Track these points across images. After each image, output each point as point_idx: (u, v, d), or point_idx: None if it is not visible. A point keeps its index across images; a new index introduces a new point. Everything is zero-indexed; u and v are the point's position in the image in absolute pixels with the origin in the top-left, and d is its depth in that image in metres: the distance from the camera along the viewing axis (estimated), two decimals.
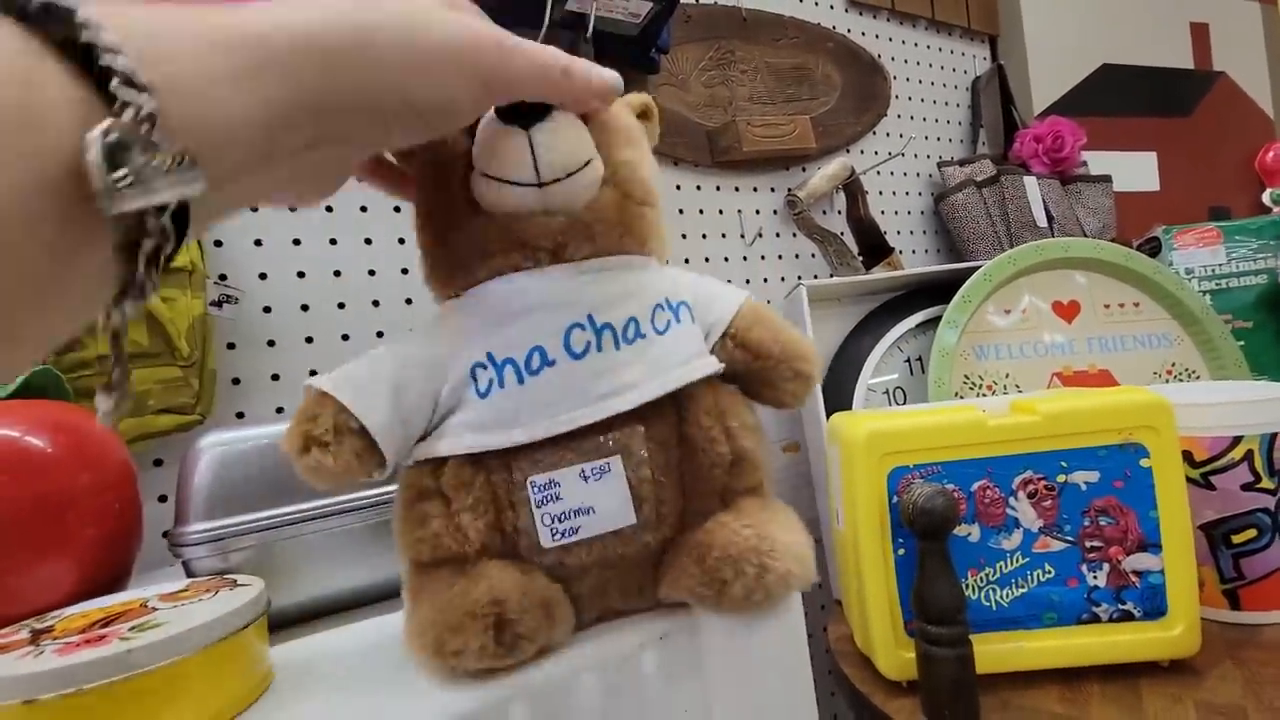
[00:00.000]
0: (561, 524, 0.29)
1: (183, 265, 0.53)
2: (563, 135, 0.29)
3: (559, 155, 0.29)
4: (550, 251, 0.30)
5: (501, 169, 0.29)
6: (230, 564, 0.36)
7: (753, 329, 0.33)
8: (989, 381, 0.81)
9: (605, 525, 0.29)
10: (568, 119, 0.29)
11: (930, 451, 0.55)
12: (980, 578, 0.55)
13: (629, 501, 0.29)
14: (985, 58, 1.35)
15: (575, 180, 0.29)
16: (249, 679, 0.29)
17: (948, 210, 1.11)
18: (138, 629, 0.26)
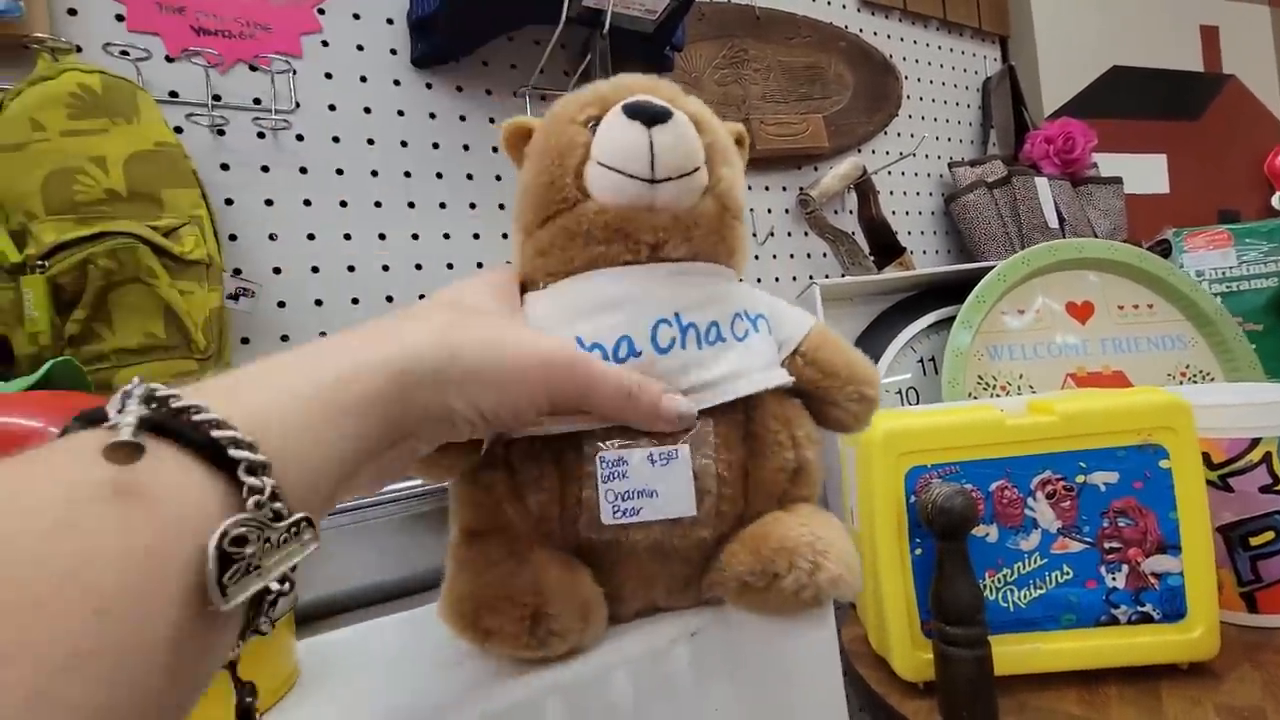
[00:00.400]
0: (625, 502, 0.29)
1: (200, 258, 0.53)
2: (680, 139, 0.30)
3: (674, 156, 0.30)
4: (651, 246, 0.31)
5: (619, 160, 0.30)
6: None
7: (822, 349, 0.34)
8: (1003, 382, 0.80)
9: (666, 511, 0.29)
10: (686, 126, 0.31)
11: (948, 451, 0.55)
12: (998, 578, 0.54)
13: (692, 491, 0.29)
14: (996, 58, 1.34)
15: (685, 183, 0.31)
16: (278, 674, 0.28)
17: (959, 211, 1.11)
18: None
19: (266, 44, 0.66)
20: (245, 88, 0.66)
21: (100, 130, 0.50)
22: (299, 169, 0.68)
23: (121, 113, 0.51)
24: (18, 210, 0.48)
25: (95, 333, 0.50)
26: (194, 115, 0.62)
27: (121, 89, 0.52)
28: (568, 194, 0.31)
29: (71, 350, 0.49)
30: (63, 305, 0.49)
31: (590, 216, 0.31)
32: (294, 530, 0.18)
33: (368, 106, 0.72)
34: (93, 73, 0.51)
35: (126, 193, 0.51)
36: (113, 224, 0.49)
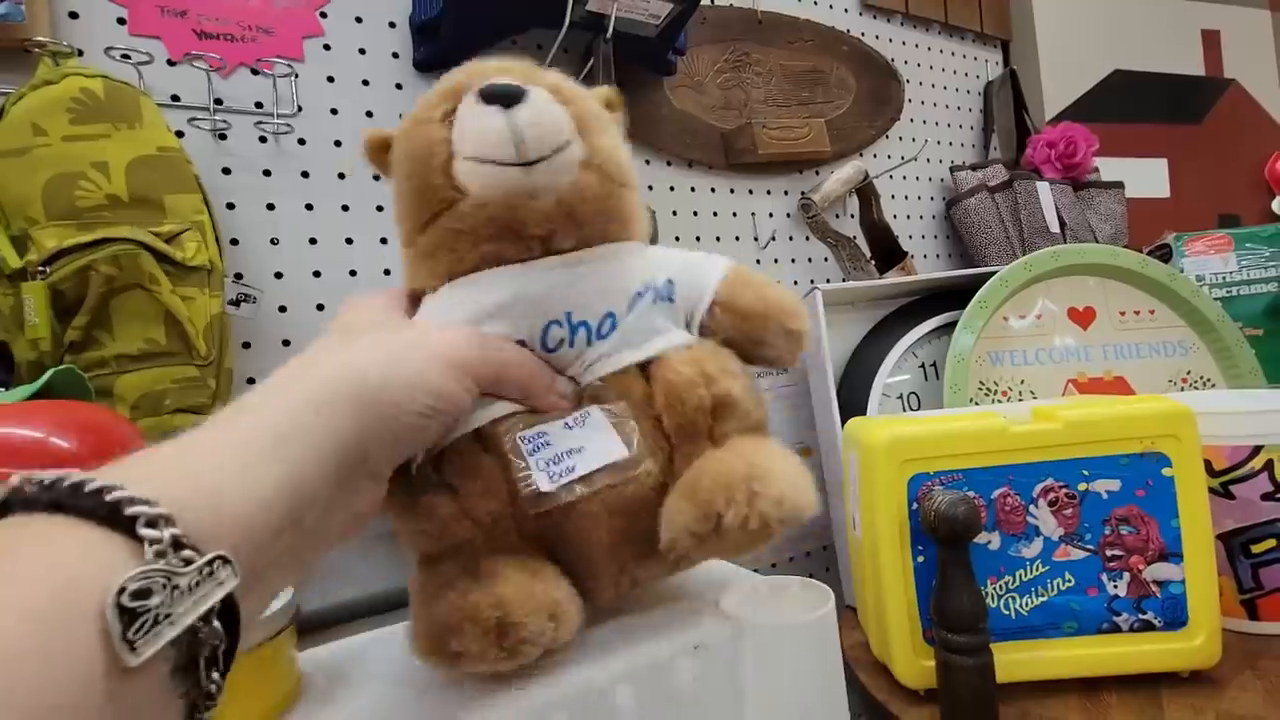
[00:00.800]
0: (556, 465, 0.29)
1: (201, 264, 0.53)
2: (541, 114, 0.29)
3: (542, 132, 0.29)
4: (541, 239, 0.30)
5: (485, 149, 0.29)
6: None
7: (738, 295, 0.33)
8: (1004, 387, 0.80)
9: (599, 459, 0.29)
10: (545, 99, 0.30)
11: (951, 458, 0.55)
12: (1000, 586, 0.54)
13: (617, 436, 0.29)
14: (998, 62, 1.34)
15: (559, 159, 0.30)
16: (280, 687, 0.28)
17: (960, 215, 1.11)
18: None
19: (268, 47, 0.66)
20: (247, 91, 0.65)
21: (102, 135, 0.50)
22: (301, 173, 0.68)
23: (124, 117, 0.51)
24: (18, 216, 0.48)
25: (96, 339, 0.50)
26: (196, 119, 0.62)
27: (124, 93, 0.52)
28: (442, 194, 0.30)
29: (72, 357, 0.49)
30: (63, 311, 0.49)
31: (471, 213, 0.29)
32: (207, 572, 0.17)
33: (370, 110, 0.72)
34: (95, 77, 0.51)
35: (128, 198, 0.50)
36: (114, 230, 0.49)
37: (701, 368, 0.31)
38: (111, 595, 0.15)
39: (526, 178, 0.29)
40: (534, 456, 0.29)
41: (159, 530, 0.17)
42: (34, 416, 0.33)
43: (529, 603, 0.27)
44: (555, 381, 0.30)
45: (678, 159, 0.91)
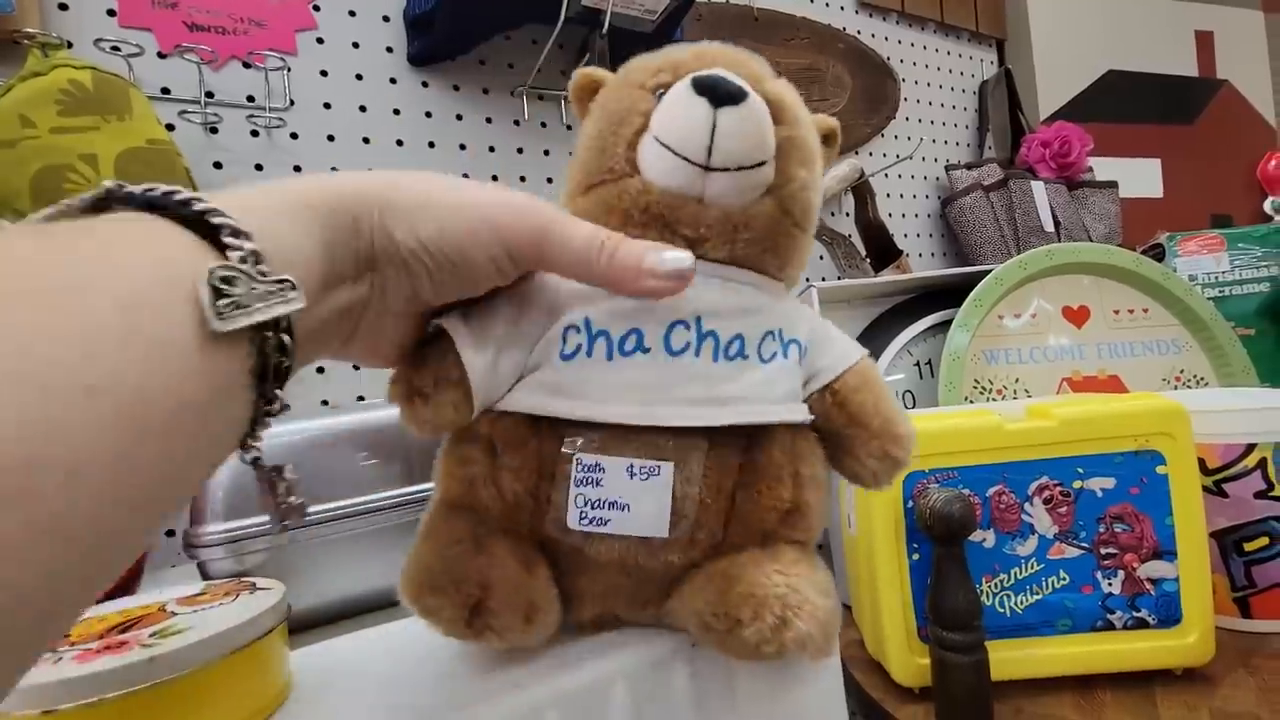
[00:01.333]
0: (594, 510, 0.27)
1: None
2: (748, 125, 0.27)
3: (737, 144, 0.27)
4: (689, 241, 0.28)
5: (675, 138, 0.27)
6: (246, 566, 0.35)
7: (859, 392, 0.30)
8: (999, 386, 0.80)
9: (635, 528, 0.27)
10: (760, 112, 0.27)
11: (947, 456, 0.55)
12: (995, 584, 0.54)
13: (667, 512, 0.27)
14: (993, 61, 1.35)
15: (744, 176, 0.28)
16: (271, 686, 0.28)
17: (955, 214, 1.11)
18: (159, 635, 0.25)
19: (260, 40, 0.65)
20: (239, 85, 0.65)
21: (91, 127, 0.49)
22: (293, 167, 0.67)
23: (113, 109, 0.50)
24: (6, 208, 0.47)
25: None
26: (186, 112, 0.61)
27: (113, 85, 0.51)
28: (615, 165, 0.28)
29: None
30: None
31: (632, 195, 0.28)
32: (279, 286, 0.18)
33: (363, 105, 0.71)
34: (84, 69, 0.50)
35: None
36: None
37: (796, 466, 0.29)
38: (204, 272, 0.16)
39: (701, 181, 0.27)
40: (579, 488, 0.27)
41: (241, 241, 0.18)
42: None
43: (511, 596, 0.26)
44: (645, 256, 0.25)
45: None
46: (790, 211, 0.29)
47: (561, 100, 0.83)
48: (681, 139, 0.27)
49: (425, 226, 0.23)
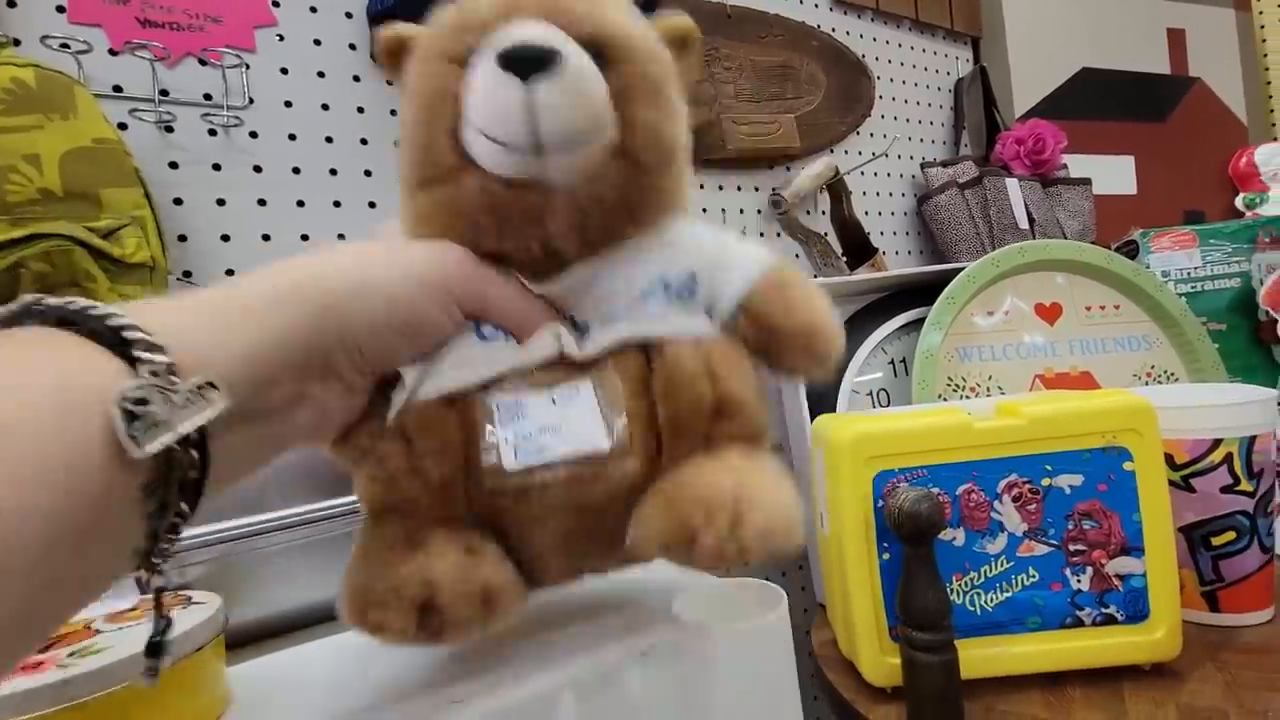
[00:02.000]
0: (527, 442, 0.26)
1: (143, 261, 0.51)
2: (569, 97, 0.24)
3: (562, 121, 0.24)
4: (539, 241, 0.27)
5: (493, 127, 0.25)
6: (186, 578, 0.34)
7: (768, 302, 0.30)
8: (972, 383, 0.80)
9: (573, 446, 0.26)
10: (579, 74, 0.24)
11: (916, 455, 0.54)
12: (965, 582, 0.54)
13: (600, 423, 0.26)
14: (968, 59, 1.35)
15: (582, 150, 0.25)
16: (202, 704, 0.27)
17: (931, 211, 1.11)
18: (77, 654, 0.24)
19: (217, 37, 0.63)
20: (195, 83, 0.63)
21: (34, 126, 0.48)
22: (253, 167, 0.66)
23: (57, 108, 0.49)
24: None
25: None
26: (138, 111, 0.59)
27: (57, 83, 0.49)
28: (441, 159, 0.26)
29: None
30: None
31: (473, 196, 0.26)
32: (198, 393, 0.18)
33: (325, 103, 0.70)
34: (26, 66, 0.48)
35: (62, 192, 0.48)
36: (47, 225, 0.47)
37: (709, 363, 0.28)
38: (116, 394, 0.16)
39: (535, 164, 0.25)
40: (505, 428, 0.26)
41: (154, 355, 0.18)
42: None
43: (460, 585, 0.25)
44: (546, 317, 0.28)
45: None
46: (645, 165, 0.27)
47: None
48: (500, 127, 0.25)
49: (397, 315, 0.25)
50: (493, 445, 0.26)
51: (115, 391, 0.16)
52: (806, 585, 0.94)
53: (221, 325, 0.21)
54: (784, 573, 0.96)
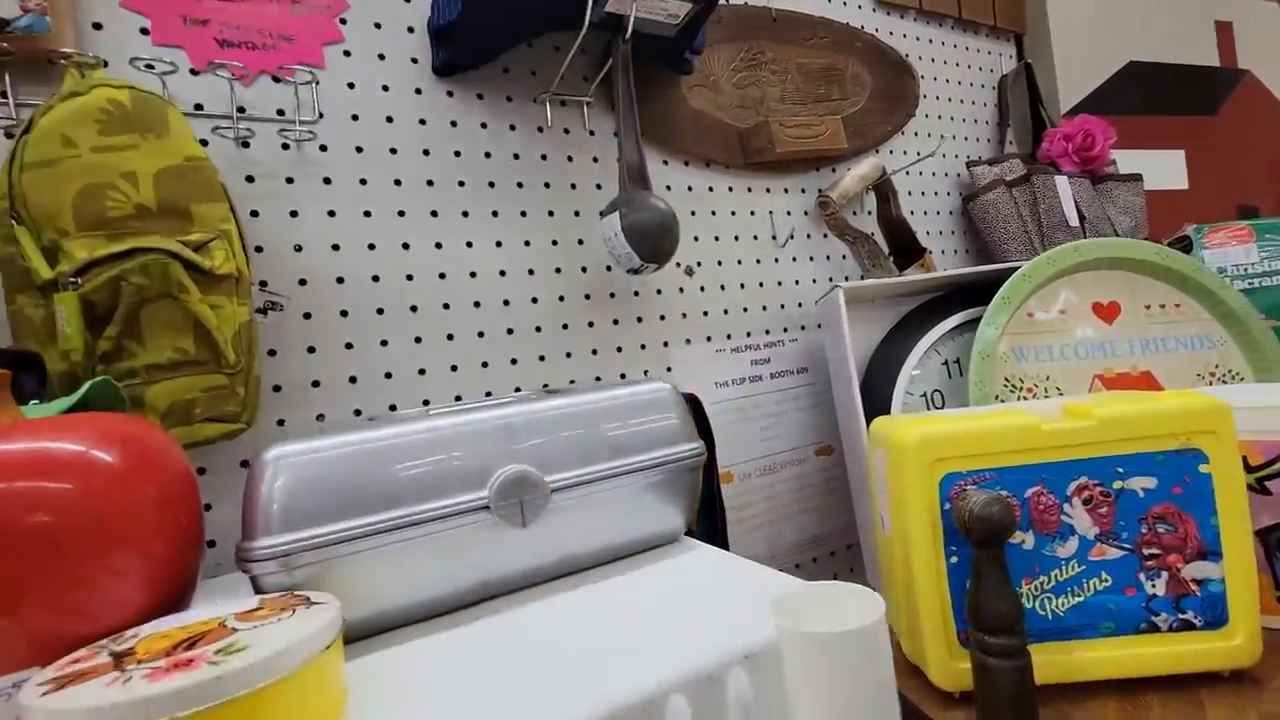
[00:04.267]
0: None
1: (229, 272, 0.53)
2: None
3: None
4: None
5: None
6: (297, 580, 0.36)
7: None
8: (1029, 384, 0.80)
9: None
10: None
11: (984, 457, 0.54)
12: (1035, 586, 0.54)
13: None
14: (1011, 56, 1.33)
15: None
16: (329, 700, 0.28)
17: (978, 210, 1.10)
18: (224, 652, 0.25)
19: (289, 55, 0.66)
20: (269, 99, 0.65)
21: (130, 146, 0.50)
22: (323, 179, 0.68)
23: (151, 128, 0.51)
24: (49, 227, 0.48)
25: (126, 349, 0.50)
26: (219, 128, 0.62)
27: (151, 104, 0.52)
28: None
29: (103, 367, 0.49)
30: (94, 322, 0.49)
31: None
32: None
33: (390, 116, 0.72)
34: (122, 88, 0.51)
35: (156, 208, 0.51)
36: (144, 240, 0.49)
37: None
38: None
39: None
40: None
41: None
42: (75, 429, 0.33)
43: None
44: None
45: (695, 159, 0.91)
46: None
47: (584, 106, 0.83)
48: None
49: None
50: None
51: None
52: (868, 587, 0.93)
53: None
54: (835, 574, 0.95)
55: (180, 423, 0.52)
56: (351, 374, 0.68)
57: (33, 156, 0.48)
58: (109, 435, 0.34)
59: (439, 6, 0.71)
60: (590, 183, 0.83)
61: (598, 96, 0.83)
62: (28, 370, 0.46)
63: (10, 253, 0.48)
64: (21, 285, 0.48)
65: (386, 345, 0.70)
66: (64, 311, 0.47)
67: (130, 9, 0.60)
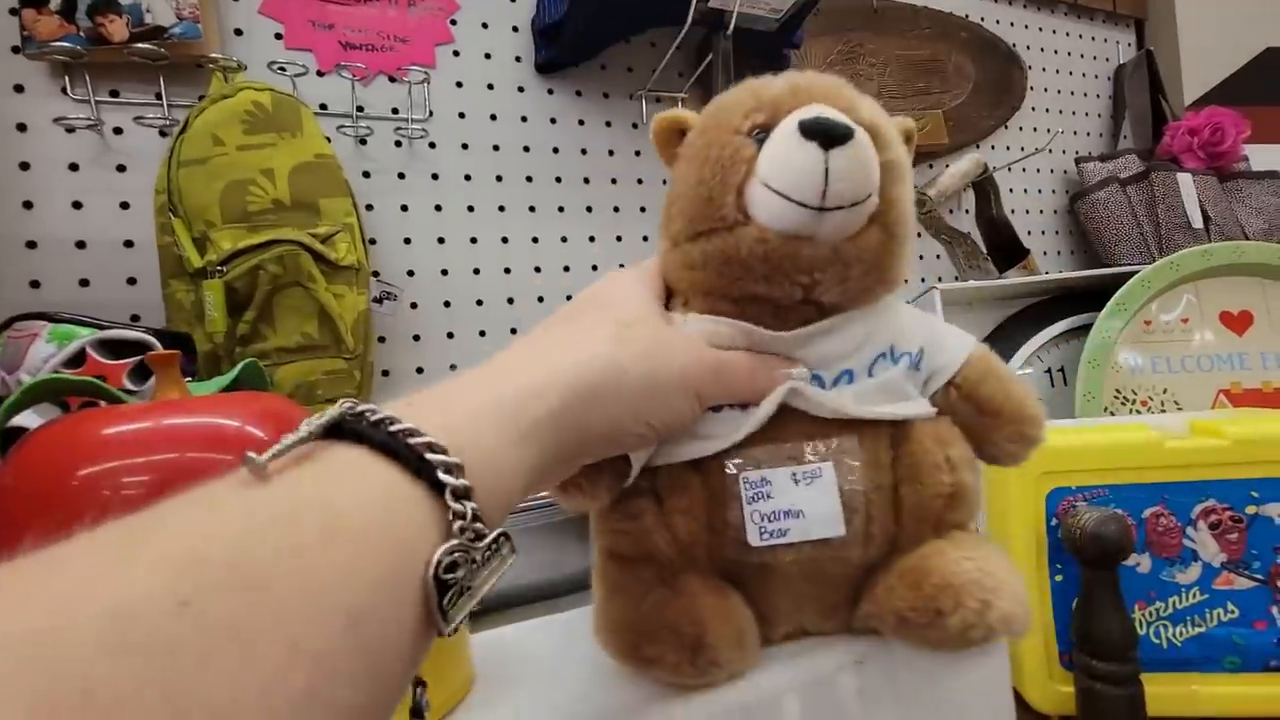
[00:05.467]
0: (770, 524, 0.28)
1: (351, 263, 0.56)
2: (858, 164, 0.28)
3: (850, 185, 0.27)
4: (804, 288, 0.29)
5: (788, 185, 0.28)
6: None
7: (983, 384, 0.31)
8: (1143, 396, 0.75)
9: (813, 532, 0.28)
10: (867, 148, 0.28)
11: (1097, 473, 0.51)
12: (1149, 612, 0.51)
13: (839, 510, 0.29)
14: (1130, 43, 1.24)
15: (853, 212, 0.28)
16: (461, 676, 0.30)
17: (1087, 210, 1.04)
18: None
19: (405, 55, 0.69)
20: (384, 98, 0.69)
21: (269, 144, 0.54)
22: (431, 175, 0.71)
23: (287, 127, 0.55)
24: (199, 219, 0.53)
25: (260, 333, 0.54)
26: (343, 126, 0.66)
27: (287, 105, 0.56)
28: (725, 212, 0.29)
29: (241, 349, 0.53)
30: (234, 307, 0.53)
31: (750, 244, 0.29)
32: (494, 548, 0.19)
33: (494, 113, 0.74)
34: (264, 90, 0.55)
35: (290, 202, 0.54)
36: (279, 232, 0.53)
37: (946, 451, 0.30)
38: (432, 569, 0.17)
39: (814, 222, 0.28)
40: (751, 505, 0.28)
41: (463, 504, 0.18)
42: (232, 407, 0.36)
43: (723, 627, 0.27)
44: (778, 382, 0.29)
45: None
46: (895, 234, 0.30)
47: (679, 102, 0.83)
48: (795, 184, 0.28)
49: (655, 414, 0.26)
50: (737, 520, 0.29)
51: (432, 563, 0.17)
52: None
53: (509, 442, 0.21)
54: None
55: (303, 403, 0.56)
56: (452, 362, 0.71)
57: (188, 154, 0.52)
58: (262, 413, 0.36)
59: (544, 4, 0.73)
60: None
61: (692, 93, 0.83)
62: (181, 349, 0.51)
63: (167, 242, 0.53)
64: (175, 272, 0.53)
65: (485, 336, 0.72)
66: (211, 296, 0.51)
67: (267, 15, 0.64)
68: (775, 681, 0.29)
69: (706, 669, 0.27)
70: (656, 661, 0.27)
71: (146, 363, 0.38)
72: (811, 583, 0.30)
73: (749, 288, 0.30)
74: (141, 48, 0.55)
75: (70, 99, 0.58)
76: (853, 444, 0.29)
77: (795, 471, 0.29)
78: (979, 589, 0.27)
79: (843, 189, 0.27)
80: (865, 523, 0.29)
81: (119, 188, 0.59)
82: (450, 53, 0.72)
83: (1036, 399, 0.33)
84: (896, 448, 0.30)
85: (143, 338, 0.40)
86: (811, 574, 0.29)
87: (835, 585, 0.30)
